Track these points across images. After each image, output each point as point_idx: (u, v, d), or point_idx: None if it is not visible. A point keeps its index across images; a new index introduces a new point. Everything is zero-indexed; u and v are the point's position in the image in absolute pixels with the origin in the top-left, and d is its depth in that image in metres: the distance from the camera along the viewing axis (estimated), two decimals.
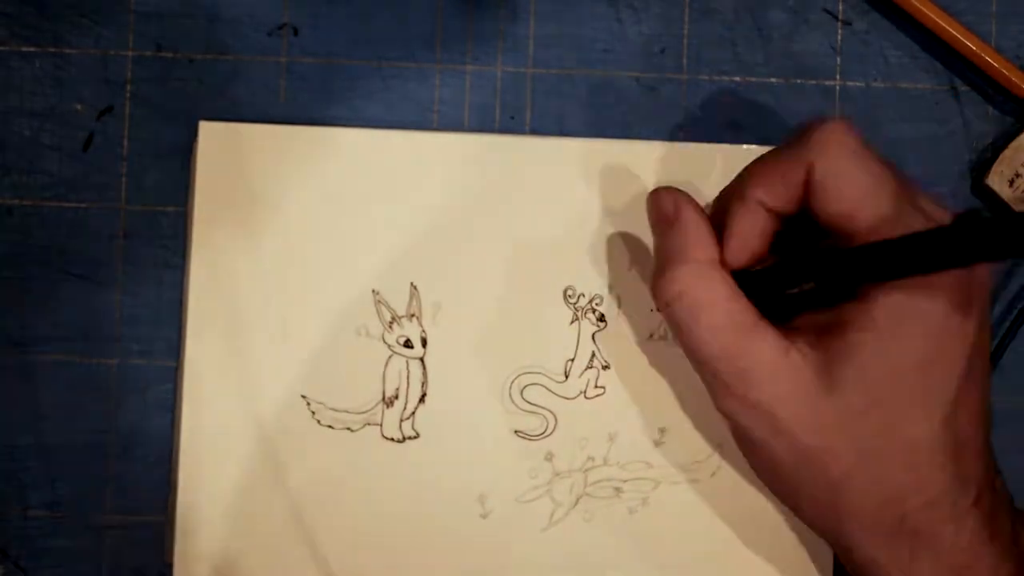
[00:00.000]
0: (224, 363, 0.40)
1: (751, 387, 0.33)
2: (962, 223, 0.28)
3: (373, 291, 0.40)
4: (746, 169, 0.35)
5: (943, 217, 0.33)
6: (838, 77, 0.42)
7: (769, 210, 0.34)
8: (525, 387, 0.40)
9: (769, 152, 0.35)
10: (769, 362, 0.32)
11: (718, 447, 0.40)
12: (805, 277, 0.33)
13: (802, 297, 0.33)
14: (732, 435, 0.35)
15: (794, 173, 0.33)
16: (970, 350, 0.32)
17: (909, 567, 0.32)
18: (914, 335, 0.31)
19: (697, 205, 0.35)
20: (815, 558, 0.40)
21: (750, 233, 0.34)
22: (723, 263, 0.34)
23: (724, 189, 0.36)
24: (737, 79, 0.42)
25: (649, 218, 0.36)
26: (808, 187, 0.33)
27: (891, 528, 0.32)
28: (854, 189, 0.32)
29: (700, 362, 0.34)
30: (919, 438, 0.32)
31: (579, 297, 0.40)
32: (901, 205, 0.32)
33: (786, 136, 0.35)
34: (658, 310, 0.34)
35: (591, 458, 0.40)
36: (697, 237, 0.34)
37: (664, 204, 0.35)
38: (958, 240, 0.28)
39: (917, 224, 0.31)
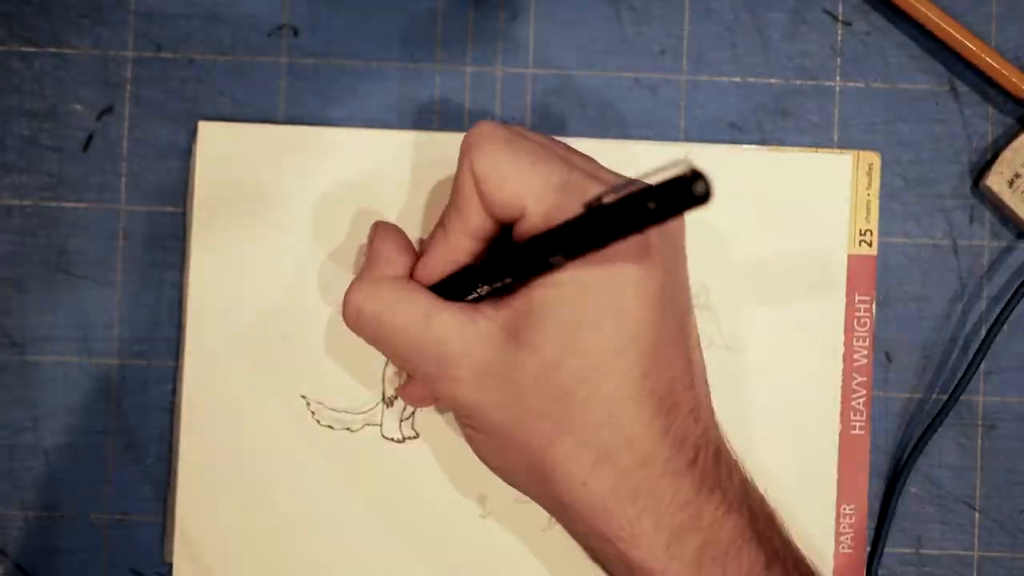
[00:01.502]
0: (224, 363, 0.40)
1: (449, 366, 0.33)
2: (594, 210, 0.29)
3: None
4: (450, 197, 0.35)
5: (607, 177, 0.33)
6: (838, 77, 0.42)
7: (475, 237, 0.34)
8: None
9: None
10: (457, 338, 0.33)
11: None
12: (478, 282, 0.33)
13: (483, 297, 0.34)
14: (458, 424, 0.35)
15: (466, 186, 0.33)
16: (659, 299, 0.31)
17: (631, 530, 0.32)
18: (599, 288, 0.31)
19: (392, 229, 0.37)
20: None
21: (450, 261, 0.35)
22: (415, 278, 0.35)
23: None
24: (737, 79, 0.42)
25: None
26: (478, 190, 0.33)
27: (609, 491, 0.32)
28: (514, 179, 0.32)
29: (400, 363, 0.35)
30: (617, 390, 0.31)
31: None
32: (568, 183, 0.32)
33: None
34: (351, 329, 0.35)
35: None
36: (377, 257, 0.36)
37: (369, 233, 0.37)
38: (611, 217, 0.29)
39: (587, 192, 0.31)
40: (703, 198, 0.27)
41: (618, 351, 0.31)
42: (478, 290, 0.34)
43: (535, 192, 0.32)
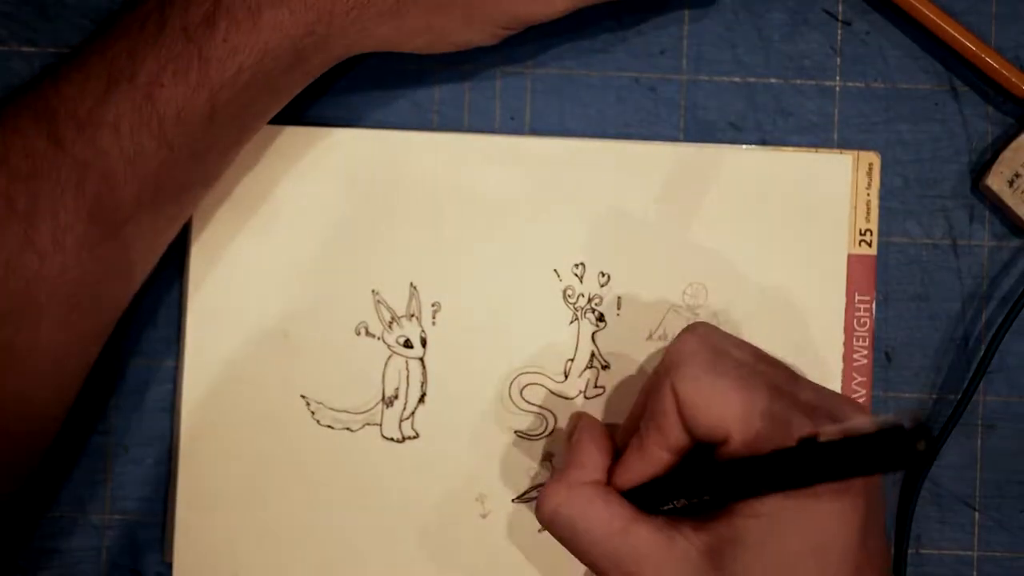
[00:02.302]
0: (224, 363, 0.40)
1: None
2: (819, 445, 0.29)
3: (373, 291, 0.40)
4: (645, 408, 0.35)
5: (829, 404, 0.32)
6: (838, 77, 0.42)
7: (672, 450, 0.34)
8: (525, 387, 0.40)
9: (648, 386, 0.35)
10: (653, 556, 0.33)
11: None
12: (676, 496, 0.33)
13: (679, 510, 0.33)
14: None
15: (667, 405, 0.33)
16: (861, 532, 0.31)
17: None
18: (802, 522, 0.31)
19: (594, 428, 0.37)
20: None
21: (647, 475, 0.34)
22: (611, 484, 0.35)
23: (635, 404, 0.37)
24: (737, 79, 0.42)
25: None
26: (680, 411, 0.33)
27: None
28: (717, 400, 0.32)
29: (593, 570, 0.34)
30: None
31: (579, 297, 0.40)
32: (766, 399, 0.32)
33: None
34: (542, 526, 0.35)
35: None
36: (578, 459, 0.35)
37: (568, 425, 0.39)
38: (825, 458, 0.28)
39: (793, 425, 0.31)
40: (922, 455, 0.26)
41: None
42: (675, 503, 0.33)
43: (739, 420, 0.32)
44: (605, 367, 0.40)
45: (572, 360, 0.40)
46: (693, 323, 0.35)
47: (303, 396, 0.40)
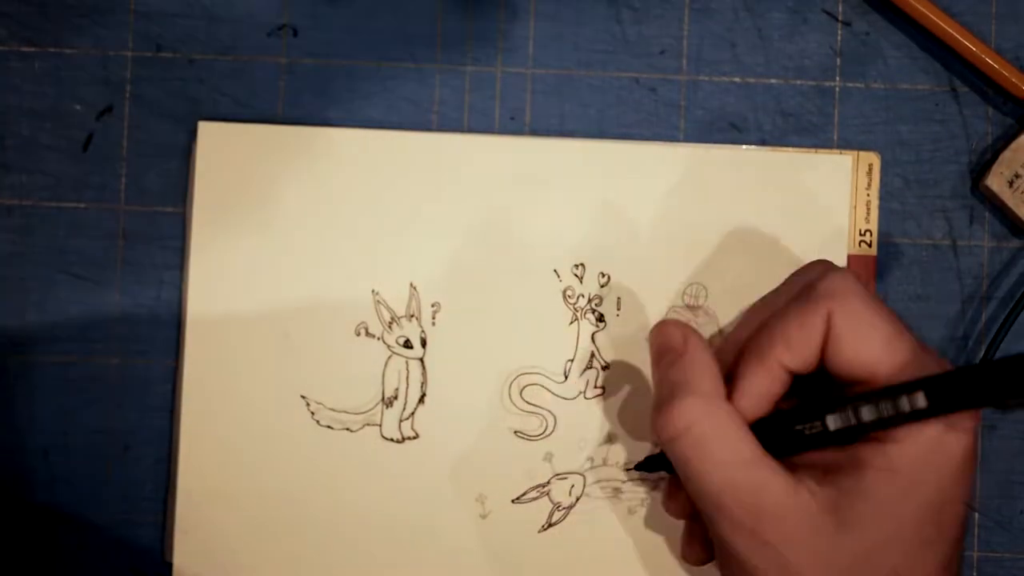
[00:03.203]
0: (224, 363, 0.40)
1: (759, 524, 0.32)
2: (995, 363, 0.29)
3: (372, 291, 0.40)
4: (766, 326, 0.34)
5: (943, 363, 0.33)
6: (838, 78, 0.42)
7: (789, 371, 0.34)
8: (524, 387, 0.40)
9: (785, 308, 0.34)
10: (777, 500, 0.32)
11: None
12: (818, 418, 0.33)
13: (811, 438, 0.33)
14: (730, 567, 0.34)
15: (813, 328, 0.33)
16: (965, 495, 0.32)
17: None
18: (936, 476, 0.31)
19: (704, 340, 0.35)
20: None
21: (765, 393, 0.34)
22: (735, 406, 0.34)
23: (733, 335, 0.36)
24: (737, 79, 0.42)
25: (652, 348, 0.36)
26: (827, 340, 0.33)
27: None
28: (875, 339, 0.32)
29: (706, 496, 0.33)
30: None
31: (579, 297, 0.40)
32: (916, 351, 0.32)
33: (789, 283, 0.36)
34: (658, 444, 0.34)
35: (590, 459, 0.40)
36: (704, 371, 0.34)
37: (672, 336, 0.35)
38: (995, 378, 0.29)
39: (933, 368, 0.31)
40: None
41: (930, 543, 0.32)
42: (808, 427, 0.33)
43: (891, 364, 0.32)
44: (605, 367, 0.40)
45: (572, 360, 0.40)
46: (838, 267, 0.35)
47: (303, 396, 0.40)
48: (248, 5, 0.41)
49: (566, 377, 0.40)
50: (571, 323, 0.40)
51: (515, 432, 0.40)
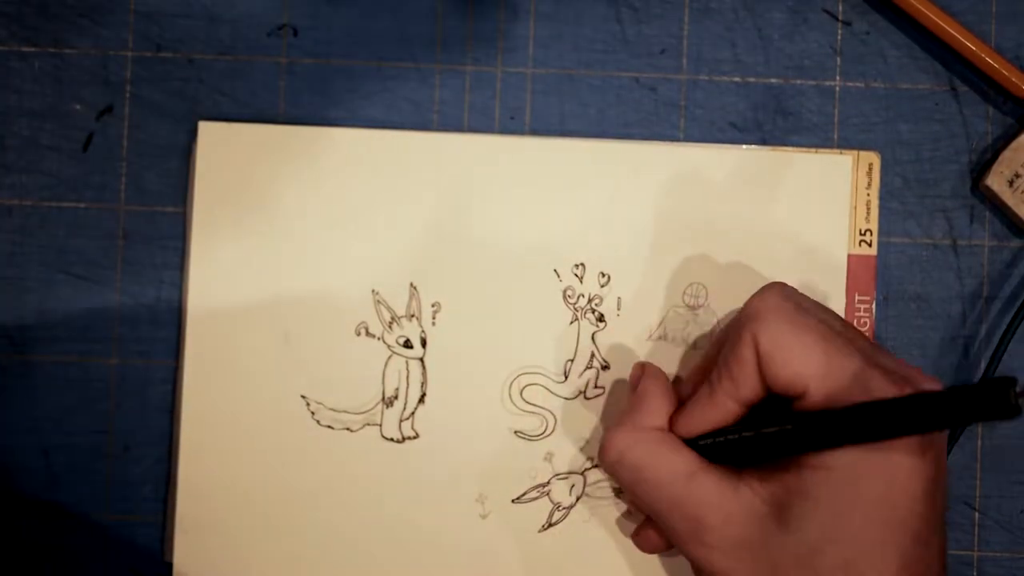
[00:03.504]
0: (224, 363, 0.40)
1: (706, 532, 0.33)
2: (918, 397, 0.30)
3: (373, 291, 0.40)
4: (716, 361, 0.35)
5: (904, 371, 0.32)
6: (838, 77, 0.42)
7: (740, 402, 0.34)
8: (525, 387, 0.40)
9: (727, 340, 0.35)
10: (718, 504, 0.33)
11: None
12: (750, 449, 0.33)
13: (748, 443, 0.34)
14: (697, 572, 0.35)
15: (746, 356, 0.33)
16: (927, 492, 0.31)
17: None
18: (872, 476, 0.31)
19: (660, 377, 0.37)
20: None
21: (714, 422, 0.35)
22: (676, 432, 0.35)
23: (704, 357, 0.38)
24: (737, 79, 0.41)
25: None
26: (760, 362, 0.33)
27: None
28: (799, 351, 0.33)
29: (655, 515, 0.35)
30: None
31: (579, 297, 0.40)
32: (848, 355, 0.32)
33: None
34: (605, 470, 0.36)
35: (591, 459, 0.40)
36: (646, 403, 0.36)
37: (633, 375, 0.39)
38: (912, 412, 0.29)
39: (873, 384, 0.31)
40: (1015, 410, 0.27)
41: (883, 542, 0.31)
42: (739, 435, 0.34)
43: (820, 375, 0.32)
44: (605, 367, 0.40)
45: (572, 360, 0.40)
46: (773, 281, 0.35)
47: (303, 396, 0.40)
48: (248, 5, 0.41)
49: (566, 377, 0.40)
50: (571, 323, 0.40)
51: (515, 432, 0.40)
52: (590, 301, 0.40)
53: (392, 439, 0.40)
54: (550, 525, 0.40)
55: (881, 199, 0.41)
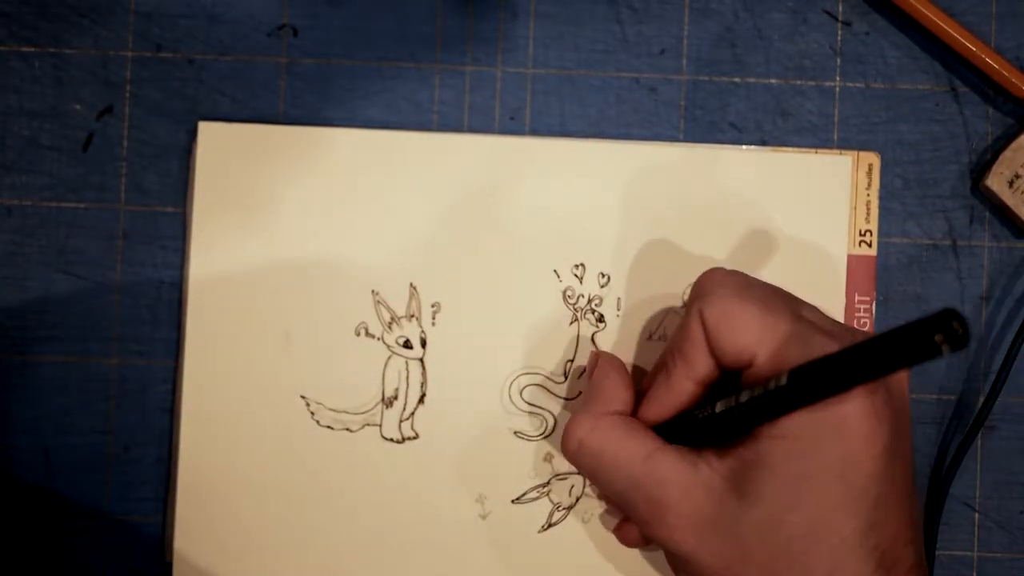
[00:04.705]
0: (224, 363, 0.40)
1: (667, 511, 0.33)
2: (856, 347, 0.30)
3: (372, 291, 0.40)
4: (671, 342, 0.36)
5: (833, 328, 0.33)
6: (838, 78, 0.42)
7: (698, 381, 0.35)
8: (524, 387, 0.40)
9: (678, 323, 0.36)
10: (677, 481, 0.33)
11: None
12: (706, 428, 0.34)
13: (706, 421, 0.34)
14: (670, 566, 0.36)
15: (695, 334, 0.34)
16: (886, 454, 0.31)
17: None
18: (827, 441, 0.31)
19: (614, 363, 0.37)
20: None
21: (673, 405, 0.35)
22: (639, 418, 0.36)
23: (665, 348, 0.37)
24: (737, 79, 0.41)
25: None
26: (708, 338, 0.34)
27: None
28: (744, 323, 0.33)
29: (616, 499, 0.35)
30: (841, 545, 0.31)
31: (579, 298, 0.40)
32: (794, 323, 0.33)
33: None
34: (570, 463, 0.36)
35: None
36: (600, 391, 0.36)
37: (588, 363, 0.39)
38: (850, 362, 0.29)
39: (816, 344, 0.31)
40: (959, 336, 0.27)
41: (844, 506, 0.31)
42: (701, 412, 0.34)
43: (765, 341, 0.32)
44: None
45: (572, 361, 0.40)
46: (711, 269, 0.36)
47: (303, 396, 0.40)
48: (248, 5, 0.41)
49: (566, 377, 0.40)
50: (571, 323, 0.40)
51: (515, 432, 0.40)
52: (590, 301, 0.40)
53: (392, 439, 0.40)
54: (550, 525, 0.40)
55: (881, 199, 0.41)
